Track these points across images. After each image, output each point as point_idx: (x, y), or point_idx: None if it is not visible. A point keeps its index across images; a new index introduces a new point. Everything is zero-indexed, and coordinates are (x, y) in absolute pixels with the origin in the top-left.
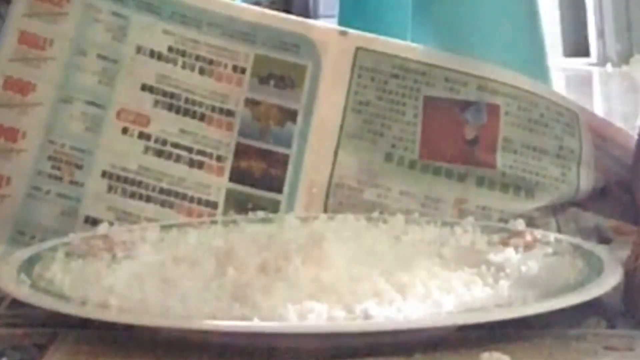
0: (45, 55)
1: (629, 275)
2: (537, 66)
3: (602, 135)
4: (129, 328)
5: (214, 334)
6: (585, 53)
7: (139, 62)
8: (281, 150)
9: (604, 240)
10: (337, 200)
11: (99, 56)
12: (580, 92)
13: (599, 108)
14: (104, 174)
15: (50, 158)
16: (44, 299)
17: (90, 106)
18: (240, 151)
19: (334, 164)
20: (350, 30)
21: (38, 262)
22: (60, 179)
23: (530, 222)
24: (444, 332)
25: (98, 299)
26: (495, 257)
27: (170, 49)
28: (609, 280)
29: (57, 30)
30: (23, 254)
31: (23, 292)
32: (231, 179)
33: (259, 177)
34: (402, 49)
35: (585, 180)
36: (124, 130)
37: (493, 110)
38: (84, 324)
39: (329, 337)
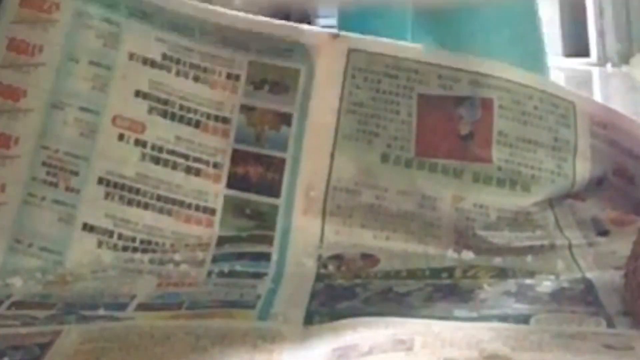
0: (34, 61)
1: (629, 275)
2: (537, 66)
3: (602, 123)
4: None
5: None
6: (585, 53)
7: (132, 69)
8: (277, 154)
9: (602, 232)
10: (335, 203)
11: (91, 62)
12: (580, 92)
13: None
14: (100, 180)
15: (44, 164)
16: None
17: (84, 112)
18: (237, 157)
19: (330, 166)
20: (342, 33)
21: None
22: (55, 185)
23: (528, 217)
24: None
25: None
26: None
27: (164, 56)
28: None
29: (47, 37)
30: None
31: None
32: (228, 185)
33: (256, 183)
34: (394, 48)
35: (582, 171)
36: (120, 137)
37: (487, 104)
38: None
39: None
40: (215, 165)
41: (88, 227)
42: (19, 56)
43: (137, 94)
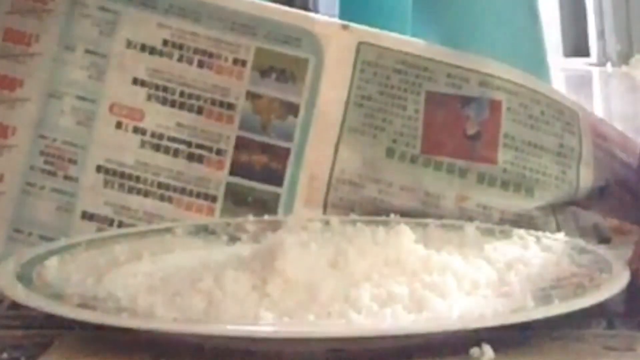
0: (30, 51)
1: (632, 276)
2: (537, 66)
3: (602, 135)
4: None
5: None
6: (585, 53)
7: (129, 56)
8: (282, 144)
9: (603, 239)
10: (337, 195)
11: (87, 51)
12: (580, 92)
13: (599, 108)
14: (99, 168)
15: (42, 153)
16: (43, 301)
17: (81, 101)
18: (241, 145)
19: (334, 158)
20: (352, 24)
21: (39, 262)
22: (54, 174)
23: (530, 221)
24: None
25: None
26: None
27: (165, 42)
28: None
29: (43, 27)
30: (25, 254)
31: (20, 293)
32: (231, 173)
33: (259, 171)
34: (405, 43)
35: (585, 179)
36: (118, 125)
37: (495, 106)
38: (83, 325)
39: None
40: (219, 152)
41: (88, 216)
42: (15, 46)
43: (135, 81)
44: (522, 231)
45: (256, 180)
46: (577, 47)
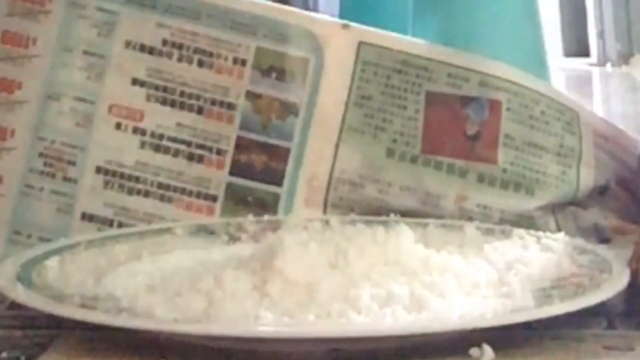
0: (28, 53)
1: (631, 275)
2: (537, 66)
3: (603, 135)
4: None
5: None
6: (585, 53)
7: (128, 57)
8: (282, 143)
9: (603, 239)
10: (337, 194)
11: (85, 52)
12: (580, 92)
13: (599, 108)
14: (98, 169)
15: (41, 155)
16: (43, 301)
17: (80, 102)
18: (241, 144)
19: (335, 158)
20: (353, 24)
21: (39, 262)
22: (53, 175)
23: (530, 221)
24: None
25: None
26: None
27: (164, 42)
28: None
29: (40, 28)
30: (25, 255)
31: (20, 293)
32: (231, 173)
33: (259, 171)
34: (405, 43)
35: (585, 179)
36: (117, 126)
37: (495, 106)
38: (83, 325)
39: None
40: (219, 152)
41: (87, 217)
42: (13, 48)
43: (134, 82)
44: (522, 231)
45: (256, 180)
46: (577, 47)
